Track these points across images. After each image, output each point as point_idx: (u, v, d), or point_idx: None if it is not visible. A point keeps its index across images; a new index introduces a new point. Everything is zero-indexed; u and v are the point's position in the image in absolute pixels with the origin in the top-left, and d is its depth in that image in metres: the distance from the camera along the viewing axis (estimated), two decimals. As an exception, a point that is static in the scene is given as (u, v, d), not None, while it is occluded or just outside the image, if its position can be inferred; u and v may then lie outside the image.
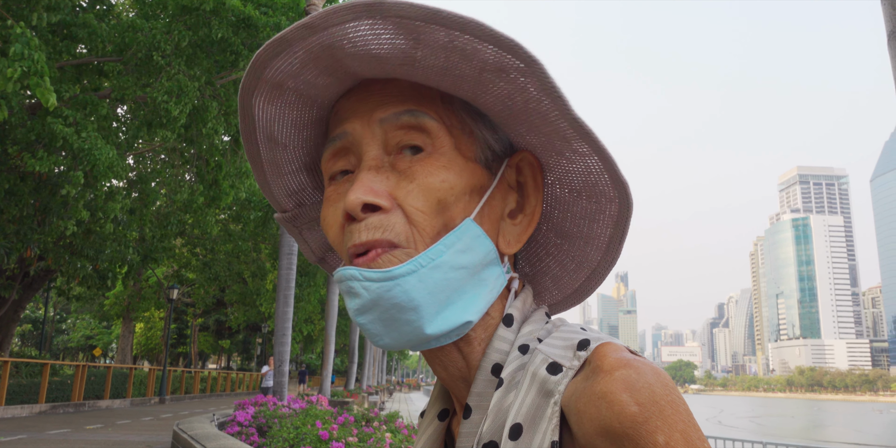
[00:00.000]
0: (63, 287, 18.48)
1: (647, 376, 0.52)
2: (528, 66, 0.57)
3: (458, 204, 0.63)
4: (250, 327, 47.38)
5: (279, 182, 0.76)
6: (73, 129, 11.21)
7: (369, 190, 0.61)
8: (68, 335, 60.82)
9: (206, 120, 12.96)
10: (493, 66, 0.59)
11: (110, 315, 34.97)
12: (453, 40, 0.57)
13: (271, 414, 9.21)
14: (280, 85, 0.66)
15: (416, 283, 0.59)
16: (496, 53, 0.57)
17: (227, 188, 15.24)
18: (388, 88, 0.66)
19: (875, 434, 50.90)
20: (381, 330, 0.61)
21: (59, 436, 12.32)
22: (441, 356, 0.66)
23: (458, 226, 0.62)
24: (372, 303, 0.59)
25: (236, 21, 12.21)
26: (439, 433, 0.70)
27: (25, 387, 17.90)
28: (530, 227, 0.68)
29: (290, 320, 11.31)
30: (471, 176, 0.64)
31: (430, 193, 0.62)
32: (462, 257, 0.62)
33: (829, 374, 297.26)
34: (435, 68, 0.61)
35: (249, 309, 29.66)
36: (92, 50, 13.09)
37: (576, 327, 0.62)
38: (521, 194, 0.70)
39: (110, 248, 15.39)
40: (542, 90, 0.59)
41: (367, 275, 0.59)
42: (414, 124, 0.64)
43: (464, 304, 0.62)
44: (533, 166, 0.69)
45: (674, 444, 0.49)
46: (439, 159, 0.63)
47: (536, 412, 0.56)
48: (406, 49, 0.60)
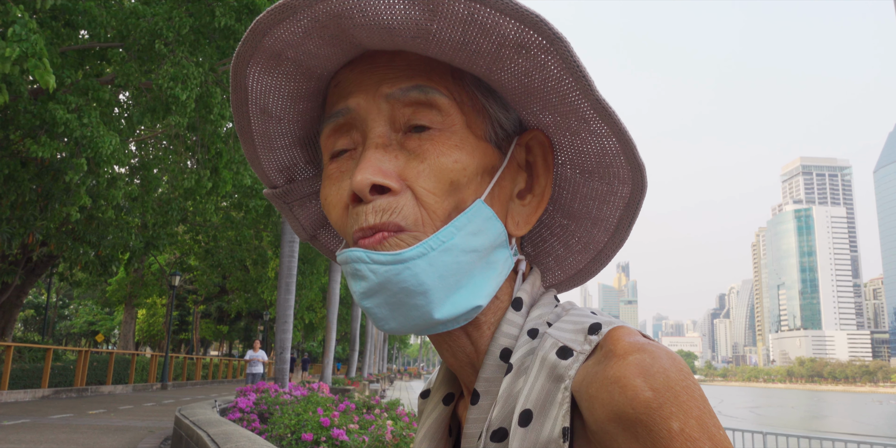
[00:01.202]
0: (65, 273, 18.55)
1: (662, 361, 0.50)
2: (551, 43, 0.55)
3: (470, 185, 0.61)
4: (252, 314, 47.55)
5: (270, 156, 0.73)
6: (74, 116, 11.18)
7: (378, 170, 0.58)
8: (71, 321, 61.06)
9: (212, 106, 12.91)
10: (514, 42, 0.56)
11: (113, 301, 35.08)
12: (473, 13, 0.54)
13: (273, 401, 9.25)
14: (279, 54, 0.62)
15: (426, 266, 0.57)
16: (518, 29, 0.55)
17: (227, 176, 15.21)
18: (396, 61, 0.62)
19: (875, 425, 51.10)
20: (387, 314, 0.59)
21: (62, 420, 12.39)
22: (449, 341, 0.64)
23: (469, 207, 0.60)
24: (379, 286, 0.57)
25: (239, 7, 12.12)
26: (444, 417, 0.69)
27: (28, 372, 18.00)
28: (540, 208, 0.66)
29: (291, 308, 11.34)
30: (482, 155, 0.62)
31: (443, 174, 0.59)
32: (473, 240, 0.59)
33: (830, 365, 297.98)
34: (450, 42, 0.57)
35: (251, 296, 29.73)
36: (94, 36, 13.03)
37: (586, 311, 0.61)
38: (530, 174, 0.67)
39: (113, 234, 15.41)
40: (565, 69, 0.56)
41: (374, 257, 0.57)
42: (424, 101, 0.60)
43: (473, 288, 0.60)
44: (544, 146, 0.66)
45: (689, 430, 0.47)
46: (451, 138, 0.61)
47: (546, 398, 0.54)
48: (421, 21, 0.56)
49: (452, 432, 0.70)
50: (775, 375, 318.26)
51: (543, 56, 0.56)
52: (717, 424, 0.49)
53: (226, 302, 39.44)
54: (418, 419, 0.74)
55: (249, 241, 25.43)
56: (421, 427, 0.70)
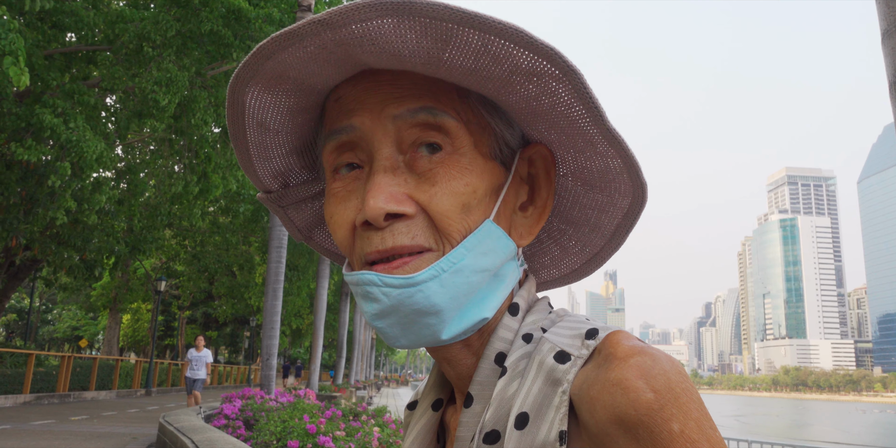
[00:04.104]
0: (49, 277, 18.35)
1: (663, 363, 0.51)
2: (564, 74, 0.55)
3: (480, 206, 0.61)
4: (238, 320, 47.23)
5: (265, 165, 0.73)
6: (60, 120, 11.10)
7: (390, 197, 0.58)
8: (54, 326, 60.41)
9: (195, 111, 12.86)
10: (526, 71, 0.56)
11: (97, 306, 34.75)
12: (487, 44, 0.55)
13: (258, 407, 9.18)
14: (280, 75, 0.62)
15: (438, 288, 0.57)
16: (531, 59, 0.55)
17: (216, 180, 15.15)
18: (400, 80, 0.61)
19: (858, 434, 51.41)
20: (398, 333, 0.60)
21: (44, 427, 12.24)
22: (449, 353, 0.64)
23: (478, 228, 0.61)
24: (392, 308, 0.58)
25: (227, 12, 12.10)
26: (433, 423, 0.69)
27: (10, 377, 17.76)
28: (541, 220, 0.67)
29: (278, 314, 11.26)
30: (490, 176, 0.62)
31: (455, 198, 0.59)
32: (483, 260, 0.60)
33: (814, 374, 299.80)
34: (461, 68, 0.58)
35: (238, 302, 29.56)
36: (81, 38, 12.96)
37: (581, 317, 0.62)
38: (531, 186, 0.68)
39: (98, 238, 15.28)
40: (577, 97, 0.57)
41: (387, 281, 0.57)
42: (432, 123, 0.60)
43: (480, 302, 0.61)
44: (547, 160, 0.67)
45: (688, 432, 0.48)
46: (460, 161, 0.61)
47: (543, 401, 0.55)
48: (432, 50, 0.56)
49: (440, 439, 0.70)
50: (760, 384, 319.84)
51: (555, 84, 0.56)
52: (713, 426, 0.50)
53: (212, 307, 39.20)
54: (404, 429, 0.74)
55: (236, 247, 25.31)
56: (408, 434, 0.70)
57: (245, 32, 12.55)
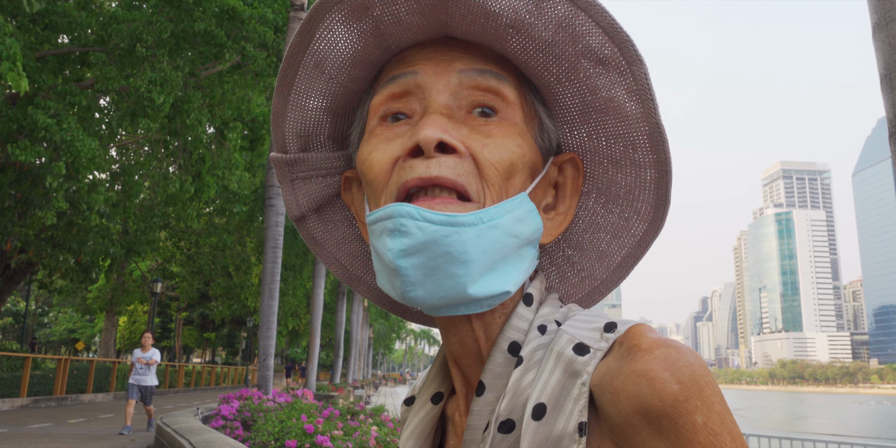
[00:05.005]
0: (45, 280, 18.31)
1: (688, 355, 0.51)
2: (629, 64, 0.56)
3: (522, 174, 0.61)
4: (235, 321, 47.17)
5: (297, 115, 0.70)
6: (54, 121, 11.08)
7: (445, 130, 0.58)
8: (50, 329, 60.26)
9: (189, 111, 12.84)
10: (595, 56, 0.57)
11: (93, 308, 34.67)
12: (571, 17, 0.55)
13: (256, 408, 9.18)
14: (366, 8, 0.61)
15: (474, 236, 0.56)
16: (604, 42, 0.56)
17: (211, 181, 15.12)
18: (471, 49, 0.63)
19: (855, 425, 51.67)
20: (419, 278, 0.56)
21: (42, 430, 12.22)
22: (458, 327, 0.63)
23: (516, 195, 0.61)
24: (423, 245, 0.55)
25: (220, 12, 12.08)
26: (433, 416, 0.68)
27: (7, 380, 17.72)
28: (563, 225, 0.67)
29: (275, 314, 11.26)
30: (534, 153, 0.63)
31: (506, 152, 0.60)
32: (518, 226, 0.60)
33: (811, 367, 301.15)
34: (538, 40, 0.58)
35: (234, 303, 29.52)
36: (74, 40, 12.93)
37: (595, 312, 0.62)
38: (557, 194, 0.68)
39: (93, 240, 15.24)
40: (634, 92, 0.57)
41: (426, 215, 0.55)
42: (493, 87, 0.61)
43: (506, 273, 0.59)
44: (577, 169, 0.67)
45: (711, 424, 0.49)
46: (514, 127, 0.62)
47: (561, 392, 0.54)
48: (521, 11, 0.57)
49: (439, 431, 0.70)
50: (757, 377, 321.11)
51: (618, 77, 0.57)
52: (734, 420, 0.51)
53: (209, 309, 39.15)
54: (401, 426, 0.73)
55: (232, 247, 25.27)
56: (406, 427, 0.70)
57: (238, 33, 12.52)
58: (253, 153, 17.46)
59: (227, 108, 14.58)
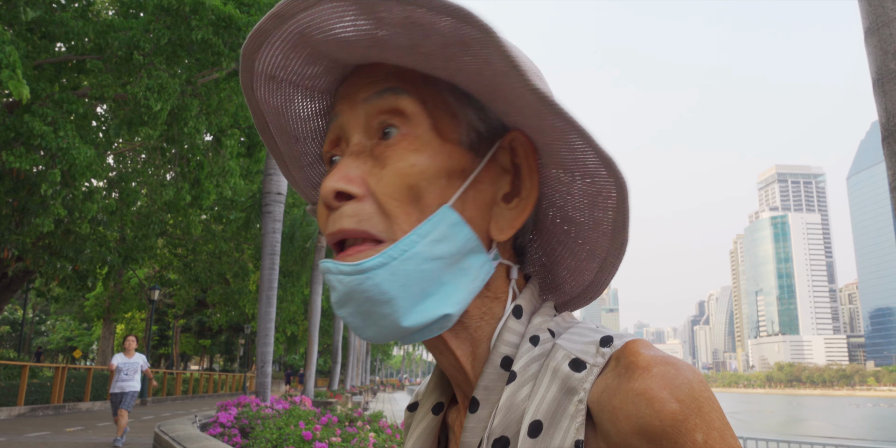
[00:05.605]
0: (42, 288, 18.27)
1: (686, 373, 0.51)
2: (484, 35, 0.53)
3: (433, 189, 0.59)
4: (233, 328, 47.08)
5: (301, 174, 0.75)
6: (50, 128, 11.10)
7: (343, 176, 0.59)
8: (48, 337, 60.03)
9: (187, 119, 12.86)
10: (455, 40, 0.55)
11: (91, 316, 34.58)
12: (409, 15, 0.55)
13: (254, 415, 9.18)
14: (273, 77, 0.65)
15: (388, 275, 0.56)
16: (453, 24, 0.54)
17: (209, 187, 15.13)
18: (376, 71, 0.63)
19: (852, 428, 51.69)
20: (360, 323, 0.59)
21: (39, 439, 12.19)
22: (441, 347, 0.63)
23: (434, 214, 0.59)
24: (347, 296, 0.57)
25: (217, 20, 12.11)
26: (433, 427, 0.68)
27: (4, 389, 17.65)
28: (525, 212, 0.63)
29: (272, 321, 11.27)
30: (447, 159, 0.60)
31: (400, 179, 0.58)
32: (437, 248, 0.58)
33: (808, 370, 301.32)
34: (402, 47, 0.58)
35: (232, 310, 29.48)
36: (70, 49, 12.95)
37: (591, 325, 0.61)
38: (519, 176, 0.65)
39: (90, 248, 15.23)
40: (505, 59, 0.54)
41: (340, 268, 0.57)
42: (391, 105, 0.61)
43: (444, 296, 0.58)
44: (526, 146, 0.64)
45: (711, 442, 0.48)
46: (412, 143, 0.60)
47: (557, 409, 0.54)
48: (369, 29, 0.57)
49: (441, 443, 0.69)
50: (755, 381, 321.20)
51: (485, 51, 0.54)
52: (734, 436, 0.50)
53: (206, 316, 39.07)
54: (404, 433, 0.73)
55: (229, 254, 25.27)
56: (408, 438, 0.70)
57: (235, 40, 12.55)
58: (250, 160, 17.48)
59: (224, 116, 14.62)
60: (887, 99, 3.54)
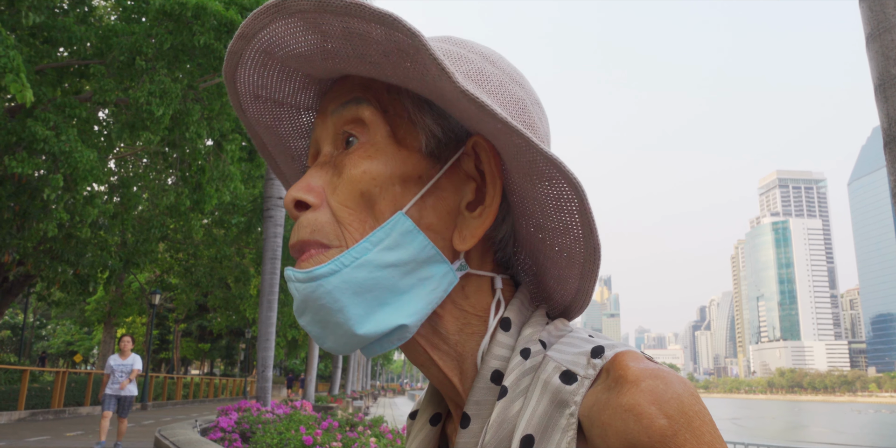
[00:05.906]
0: (43, 292, 18.26)
1: (675, 386, 0.50)
2: (413, 40, 0.52)
3: (386, 196, 0.59)
4: (234, 332, 47.03)
5: None
6: (53, 133, 11.12)
7: (304, 186, 0.60)
8: (48, 341, 60.00)
9: (189, 124, 12.88)
10: (391, 47, 0.55)
11: (91, 321, 34.57)
12: (347, 26, 0.55)
13: (255, 419, 9.17)
14: (258, 96, 0.66)
15: (340, 283, 0.56)
16: (385, 32, 0.54)
17: (210, 192, 15.15)
18: (345, 84, 0.64)
19: (853, 434, 51.54)
20: (320, 332, 0.59)
21: (39, 443, 12.17)
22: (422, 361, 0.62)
23: (387, 221, 0.58)
24: (303, 304, 0.57)
25: (219, 25, 12.15)
26: (431, 438, 0.67)
27: (4, 393, 17.64)
28: (488, 220, 0.61)
29: (273, 325, 11.26)
30: (401, 165, 0.60)
31: (352, 186, 0.59)
32: (389, 255, 0.57)
33: (809, 376, 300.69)
34: (352, 58, 0.59)
35: (233, 314, 29.45)
36: (73, 53, 12.99)
37: (583, 333, 0.60)
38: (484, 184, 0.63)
39: (91, 252, 15.23)
40: (434, 62, 0.52)
41: (295, 275, 0.57)
42: (353, 115, 0.61)
43: (400, 305, 0.57)
44: (487, 151, 0.61)
45: None
46: (367, 150, 0.60)
47: (549, 422, 0.53)
48: (318, 43, 0.58)
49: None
50: (756, 386, 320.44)
51: (419, 56, 0.54)
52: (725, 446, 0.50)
53: (207, 320, 39.04)
54: (406, 439, 0.73)
55: (230, 259, 25.26)
56: (410, 444, 0.69)
57: (237, 45, 12.59)
58: (251, 164, 17.51)
59: (226, 121, 14.64)
60: (889, 105, 3.54)
